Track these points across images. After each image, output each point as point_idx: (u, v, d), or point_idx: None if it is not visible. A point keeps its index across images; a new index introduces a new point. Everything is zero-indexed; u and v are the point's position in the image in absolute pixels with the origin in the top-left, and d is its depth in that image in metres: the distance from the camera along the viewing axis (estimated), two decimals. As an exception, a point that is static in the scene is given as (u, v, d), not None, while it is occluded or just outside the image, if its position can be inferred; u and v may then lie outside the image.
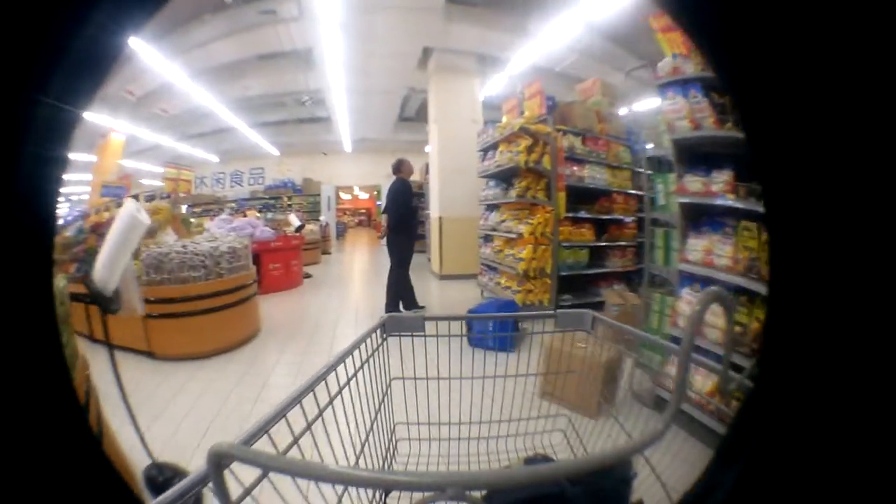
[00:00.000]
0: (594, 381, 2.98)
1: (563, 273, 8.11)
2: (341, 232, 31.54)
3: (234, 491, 0.85)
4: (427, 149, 20.65)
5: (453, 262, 13.30)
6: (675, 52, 4.34)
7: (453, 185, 13.12)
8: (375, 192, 41.81)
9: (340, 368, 1.51)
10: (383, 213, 9.30)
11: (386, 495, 1.62)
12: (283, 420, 1.17)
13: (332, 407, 1.43)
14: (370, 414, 1.75)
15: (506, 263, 8.54)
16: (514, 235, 8.33)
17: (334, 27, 10.70)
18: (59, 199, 0.82)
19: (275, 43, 13.37)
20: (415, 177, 18.03)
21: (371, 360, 1.78)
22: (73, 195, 20.22)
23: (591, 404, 2.75)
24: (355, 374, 1.63)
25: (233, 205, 24.88)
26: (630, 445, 0.92)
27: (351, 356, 1.62)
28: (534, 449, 2.00)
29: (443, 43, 12.60)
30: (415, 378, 2.04)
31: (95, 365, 2.16)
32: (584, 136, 8.43)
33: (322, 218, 23.84)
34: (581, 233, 8.32)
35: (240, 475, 0.86)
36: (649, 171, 6.25)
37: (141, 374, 5.95)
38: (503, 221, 9.01)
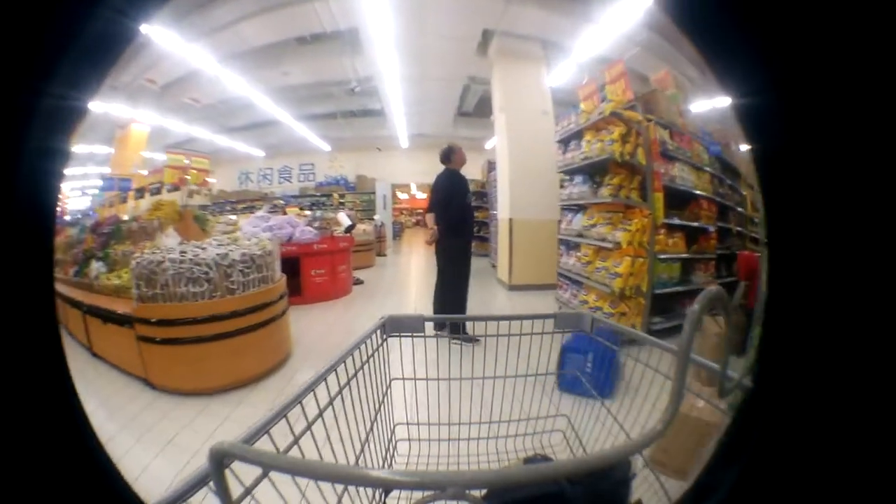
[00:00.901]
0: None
1: (656, 291, 7.03)
2: (398, 232, 31.19)
3: (235, 490, 0.92)
4: (488, 145, 20.32)
5: (525, 270, 12.25)
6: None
7: (524, 182, 12.16)
8: None
9: (340, 369, 1.61)
10: (429, 211, 8.05)
11: (386, 495, 1.70)
12: (284, 420, 1.24)
13: (333, 407, 1.52)
14: (370, 414, 1.84)
15: (596, 279, 7.53)
16: (608, 244, 7.28)
17: (382, 4, 10.28)
18: (60, 194, 0.85)
19: (314, 23, 12.86)
20: (475, 174, 17.58)
21: (371, 361, 1.87)
22: (91, 190, 20.32)
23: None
24: (355, 375, 1.72)
25: (280, 202, 24.96)
26: (629, 445, 0.96)
27: (351, 356, 1.71)
28: (533, 449, 2.09)
29: (503, 25, 12.20)
30: (415, 378, 2.14)
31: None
32: (671, 129, 7.62)
33: (377, 217, 23.30)
34: (675, 243, 7.42)
35: (240, 474, 0.92)
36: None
37: (135, 408, 5.42)
38: (593, 226, 7.92)
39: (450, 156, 7.94)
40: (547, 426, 2.24)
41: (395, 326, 2.09)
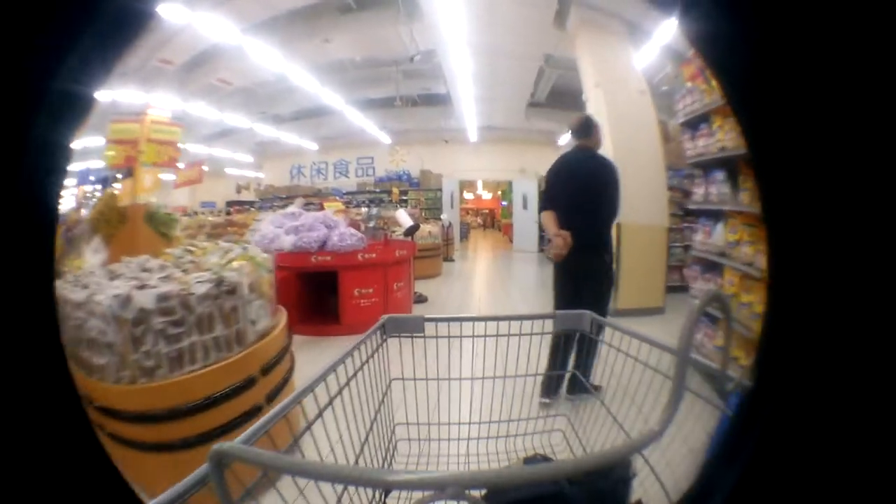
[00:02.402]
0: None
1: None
2: (464, 233, 31.00)
3: (235, 490, 0.99)
4: (562, 141, 20.04)
5: (634, 290, 10.49)
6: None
7: (632, 175, 9.10)
8: (500, 192, 40.77)
9: (340, 369, 1.72)
10: (547, 208, 5.73)
11: (386, 495, 1.82)
12: (284, 420, 1.34)
13: (332, 407, 1.63)
14: (370, 414, 1.95)
15: (739, 317, 5.63)
16: (755, 272, 5.62)
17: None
18: (63, 189, 0.88)
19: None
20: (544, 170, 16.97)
21: (371, 361, 1.99)
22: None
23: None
24: (355, 375, 1.83)
25: (336, 199, 24.69)
26: (629, 445, 1.04)
27: (351, 357, 1.83)
28: (533, 449, 2.18)
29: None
30: (414, 379, 2.26)
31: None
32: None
33: (444, 216, 22.66)
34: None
35: (240, 475, 1.00)
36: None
37: None
38: (737, 243, 6.11)
39: (589, 129, 5.91)
40: (547, 426, 2.34)
41: (394, 326, 2.21)
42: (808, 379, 0.87)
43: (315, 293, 9.47)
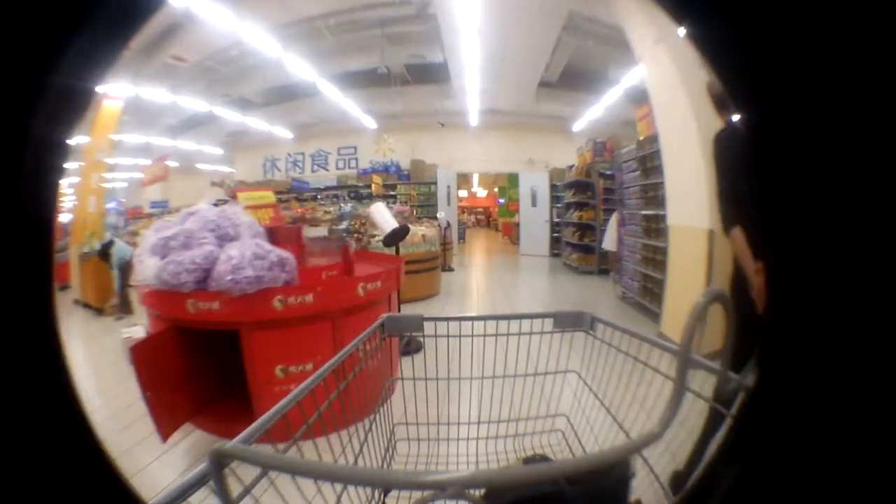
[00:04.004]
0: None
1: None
2: (461, 234, 30.35)
3: (235, 490, 1.11)
4: (576, 127, 19.77)
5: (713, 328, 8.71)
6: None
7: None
8: (497, 189, 40.50)
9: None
10: (735, 221, 3.34)
11: (385, 495, 1.94)
12: (283, 419, 1.46)
13: (331, 407, 1.76)
14: (369, 414, 2.10)
15: None
16: None
17: None
18: (61, 189, 0.95)
19: None
20: (564, 161, 16.07)
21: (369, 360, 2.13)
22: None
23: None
24: (353, 375, 1.98)
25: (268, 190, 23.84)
26: (628, 445, 1.16)
27: (350, 356, 1.98)
28: (532, 449, 2.34)
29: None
30: (413, 378, 2.42)
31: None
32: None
33: (441, 215, 21.79)
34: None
35: (239, 474, 1.10)
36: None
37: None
38: None
39: None
40: (546, 426, 2.50)
41: (394, 326, 2.36)
42: (809, 379, 0.96)
43: (224, 358, 5.89)
